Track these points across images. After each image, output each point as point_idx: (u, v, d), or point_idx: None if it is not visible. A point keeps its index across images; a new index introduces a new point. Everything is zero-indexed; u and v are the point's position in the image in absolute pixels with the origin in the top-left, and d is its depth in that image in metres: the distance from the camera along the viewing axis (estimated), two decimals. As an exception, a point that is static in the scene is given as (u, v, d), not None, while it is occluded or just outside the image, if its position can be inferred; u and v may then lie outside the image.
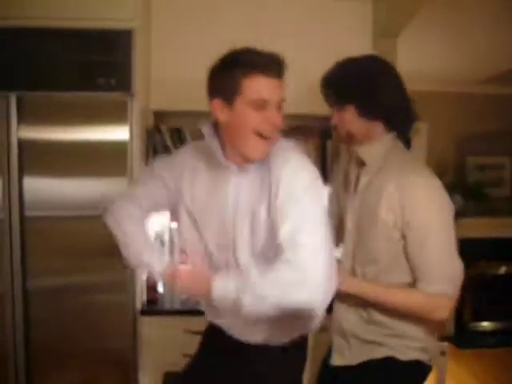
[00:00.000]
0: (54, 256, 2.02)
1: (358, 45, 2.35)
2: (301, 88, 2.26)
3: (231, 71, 1.14)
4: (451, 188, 4.17)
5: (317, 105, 2.27)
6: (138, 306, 2.12)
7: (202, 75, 2.24)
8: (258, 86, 1.13)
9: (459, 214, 4.12)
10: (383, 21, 2.34)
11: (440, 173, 4.31)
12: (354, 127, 1.37)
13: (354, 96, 1.34)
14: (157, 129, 2.29)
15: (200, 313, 2.07)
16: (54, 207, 2.00)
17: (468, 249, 1.53)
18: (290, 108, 2.25)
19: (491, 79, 3.92)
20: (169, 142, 2.26)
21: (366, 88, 1.33)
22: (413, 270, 1.30)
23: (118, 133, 1.98)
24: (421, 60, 3.36)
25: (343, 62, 1.41)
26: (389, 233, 1.28)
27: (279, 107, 1.19)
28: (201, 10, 2.28)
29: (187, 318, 2.13)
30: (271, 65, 1.15)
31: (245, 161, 1.23)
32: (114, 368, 2.10)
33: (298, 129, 2.43)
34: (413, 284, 1.31)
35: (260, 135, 1.17)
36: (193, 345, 2.07)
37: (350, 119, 1.37)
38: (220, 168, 1.27)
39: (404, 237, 1.28)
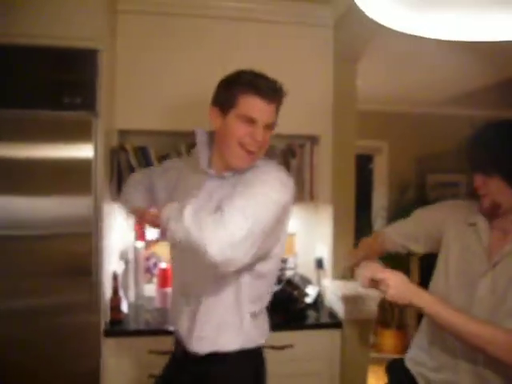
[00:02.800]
0: (19, 276, 1.96)
1: (320, 68, 2.43)
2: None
3: (233, 86, 1.30)
4: (413, 204, 4.31)
5: (280, 124, 2.34)
6: (102, 326, 2.09)
7: (166, 95, 2.30)
8: (250, 105, 1.27)
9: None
10: (343, 46, 2.43)
11: (402, 190, 4.48)
12: (502, 199, 1.26)
13: (504, 167, 1.23)
14: (121, 148, 2.27)
15: (165, 332, 2.07)
16: (18, 226, 1.95)
17: (429, 260, 1.59)
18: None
19: (448, 101, 4.09)
20: (133, 161, 2.25)
21: None
22: None
23: (83, 151, 1.96)
24: (381, 82, 3.49)
25: (498, 126, 1.31)
26: None
27: (268, 128, 1.32)
28: (165, 31, 2.31)
29: (152, 338, 2.10)
30: (268, 90, 1.29)
31: (227, 168, 1.35)
32: None
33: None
34: None
35: (243, 147, 1.29)
36: (159, 365, 2.05)
37: (498, 191, 1.26)
38: (201, 172, 1.39)
39: None
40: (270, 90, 1.29)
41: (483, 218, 1.31)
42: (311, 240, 2.68)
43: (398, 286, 1.24)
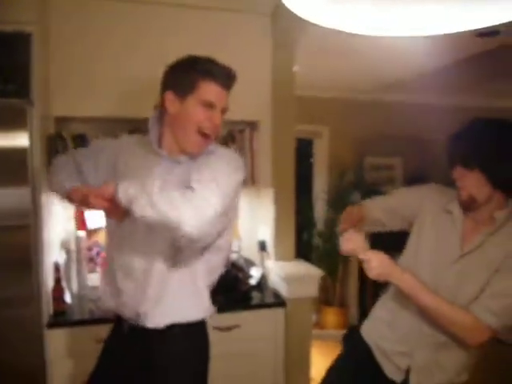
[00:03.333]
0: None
1: (259, 55, 2.47)
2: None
3: (191, 72, 1.34)
4: (352, 187, 4.49)
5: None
6: (46, 319, 2.05)
7: (103, 81, 2.26)
8: (210, 91, 1.34)
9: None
10: (281, 33, 2.48)
11: (341, 172, 4.65)
12: (479, 193, 1.32)
13: (485, 161, 1.29)
14: (58, 135, 2.21)
15: (111, 321, 2.06)
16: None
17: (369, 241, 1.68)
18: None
19: (384, 87, 4.26)
20: (71, 149, 2.20)
21: (502, 156, 1.28)
22: (480, 292, 1.31)
23: (18, 140, 1.89)
24: (320, 69, 3.58)
25: (486, 122, 1.36)
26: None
27: (223, 112, 1.41)
28: (102, 15, 2.26)
29: (98, 327, 2.08)
30: (225, 77, 1.38)
31: (181, 152, 1.39)
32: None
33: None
34: None
35: (201, 132, 1.35)
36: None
37: (476, 185, 1.31)
38: (153, 153, 1.41)
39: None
40: (226, 77, 1.38)
41: (459, 207, 1.39)
42: (254, 223, 2.74)
43: (380, 266, 1.35)
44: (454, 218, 1.40)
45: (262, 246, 2.65)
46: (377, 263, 1.35)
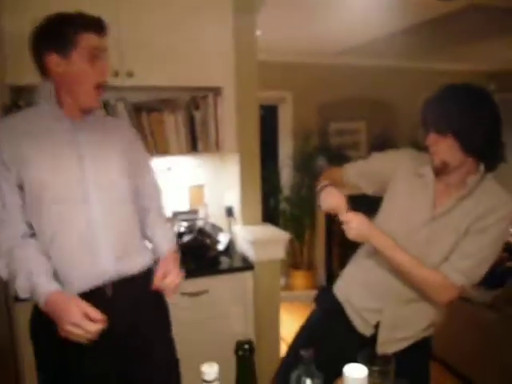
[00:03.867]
0: None
1: (220, 20, 2.41)
2: (167, 61, 2.29)
3: (67, 29, 1.31)
4: (317, 151, 4.54)
5: (181, 77, 2.34)
6: (12, 291, 2.02)
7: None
8: (91, 40, 1.34)
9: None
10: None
11: (306, 137, 4.67)
12: (452, 159, 1.35)
13: (459, 128, 1.30)
14: (15, 104, 2.14)
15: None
16: None
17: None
18: (156, 81, 2.30)
19: (347, 51, 4.26)
20: None
21: (475, 123, 1.29)
22: (449, 253, 1.38)
23: None
24: (283, 33, 3.54)
25: (454, 89, 1.35)
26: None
27: (106, 58, 1.41)
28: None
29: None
30: (99, 25, 1.37)
31: (82, 111, 1.41)
32: None
33: (166, 101, 2.46)
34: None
35: (97, 86, 1.37)
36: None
37: (448, 151, 1.34)
38: (54, 121, 1.39)
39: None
40: (100, 25, 1.38)
41: (431, 171, 1.42)
42: (220, 190, 2.75)
43: (359, 227, 1.39)
44: (427, 182, 1.43)
45: (229, 212, 2.68)
46: (356, 224, 1.39)
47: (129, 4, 2.20)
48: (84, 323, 1.20)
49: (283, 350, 2.38)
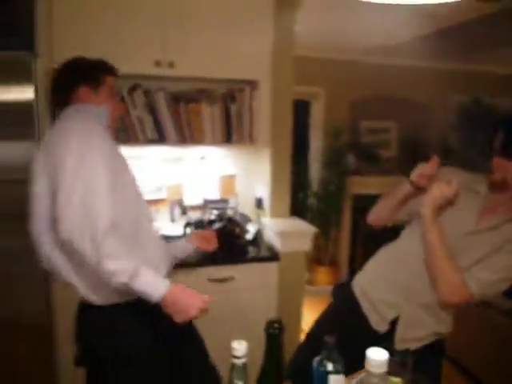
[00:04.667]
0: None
1: (261, 14, 2.47)
2: (207, 53, 2.36)
3: (99, 71, 1.63)
4: (347, 148, 4.56)
5: (220, 69, 2.41)
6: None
7: (107, 34, 2.25)
8: (112, 81, 1.67)
9: (353, 173, 4.55)
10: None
11: (336, 134, 4.68)
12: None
13: None
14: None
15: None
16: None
17: (361, 202, 1.73)
18: (196, 71, 2.38)
19: (381, 50, 4.25)
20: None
21: None
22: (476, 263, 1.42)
23: (23, 94, 1.93)
24: (320, 30, 3.57)
25: None
26: None
27: None
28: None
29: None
30: (115, 71, 1.69)
31: None
32: (29, 334, 2.11)
33: (203, 92, 2.53)
34: None
35: (114, 118, 1.68)
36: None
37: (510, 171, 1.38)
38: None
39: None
40: (115, 69, 1.69)
41: (486, 189, 1.47)
42: (251, 181, 2.82)
43: (435, 199, 1.43)
44: (479, 196, 1.48)
45: (259, 203, 2.74)
46: (437, 194, 1.43)
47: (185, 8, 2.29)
48: (205, 307, 1.41)
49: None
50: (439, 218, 1.50)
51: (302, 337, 2.64)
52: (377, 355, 0.70)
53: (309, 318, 2.90)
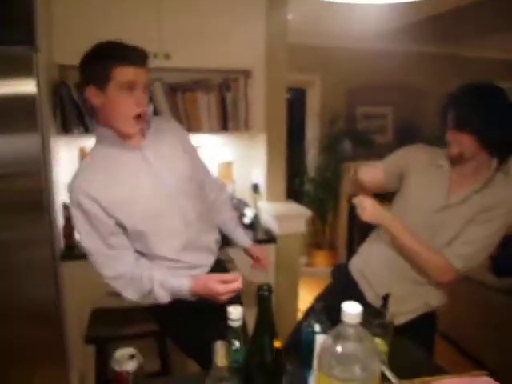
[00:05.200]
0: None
1: (253, 4, 2.54)
2: (202, 44, 2.44)
3: (103, 62, 1.33)
4: (343, 135, 4.63)
5: (215, 60, 2.49)
6: (58, 253, 2.24)
7: (106, 29, 2.32)
8: (126, 73, 1.33)
9: (350, 159, 4.63)
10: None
11: (333, 120, 4.73)
12: (468, 152, 1.46)
13: (477, 126, 1.40)
14: (63, 83, 2.33)
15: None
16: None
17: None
18: (191, 63, 2.46)
19: (376, 37, 4.31)
20: (76, 97, 2.33)
21: (492, 121, 1.40)
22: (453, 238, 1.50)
23: (26, 87, 1.98)
24: (313, 17, 3.62)
25: (474, 88, 1.46)
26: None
27: (145, 89, 1.40)
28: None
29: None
30: (136, 56, 1.36)
31: (122, 138, 1.44)
32: (39, 320, 2.20)
33: (199, 82, 2.62)
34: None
35: (136, 117, 1.38)
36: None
37: (466, 145, 1.45)
38: (126, 149, 1.45)
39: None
40: (137, 56, 1.37)
41: (448, 162, 1.55)
42: (247, 167, 2.92)
43: (372, 210, 1.53)
44: (444, 172, 1.56)
45: (255, 188, 2.84)
46: (369, 207, 1.53)
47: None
48: (228, 289, 1.42)
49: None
50: (411, 198, 1.60)
51: (299, 315, 2.76)
52: (351, 308, 0.80)
53: (307, 297, 3.01)
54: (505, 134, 1.42)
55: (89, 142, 2.57)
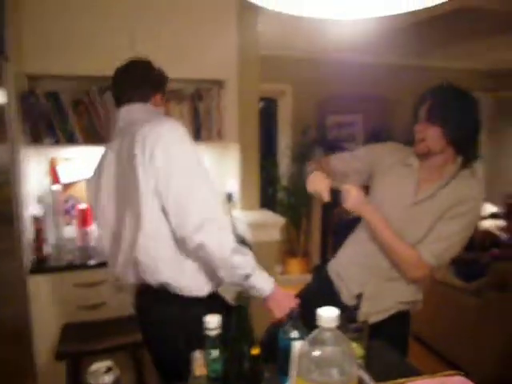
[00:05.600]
0: None
1: (225, 15, 2.57)
2: (175, 54, 2.45)
3: (163, 79, 1.68)
4: (314, 143, 4.70)
5: (188, 70, 2.50)
6: (28, 266, 2.19)
7: (76, 38, 2.31)
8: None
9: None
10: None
11: (304, 129, 4.80)
12: (435, 146, 1.54)
13: (446, 119, 1.50)
14: (32, 93, 2.29)
15: (88, 267, 2.24)
16: None
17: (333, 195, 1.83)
18: (166, 72, 2.45)
19: (345, 48, 4.39)
20: (45, 107, 2.29)
21: (461, 118, 1.50)
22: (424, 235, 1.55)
23: None
24: (284, 29, 3.68)
25: (451, 88, 1.56)
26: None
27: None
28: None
29: (76, 272, 2.26)
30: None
31: None
32: (8, 330, 2.14)
33: (172, 92, 2.62)
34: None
35: None
36: (85, 298, 2.23)
37: (434, 137, 1.53)
38: None
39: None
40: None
41: (417, 161, 1.62)
42: (221, 176, 2.92)
43: (356, 198, 1.56)
44: (413, 170, 1.62)
45: (229, 198, 2.85)
46: (354, 195, 1.56)
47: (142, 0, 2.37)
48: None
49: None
50: (382, 196, 1.66)
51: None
52: (327, 312, 0.81)
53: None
54: (468, 134, 1.53)
55: (60, 152, 2.55)
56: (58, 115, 2.33)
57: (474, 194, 1.54)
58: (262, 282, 1.44)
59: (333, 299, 1.73)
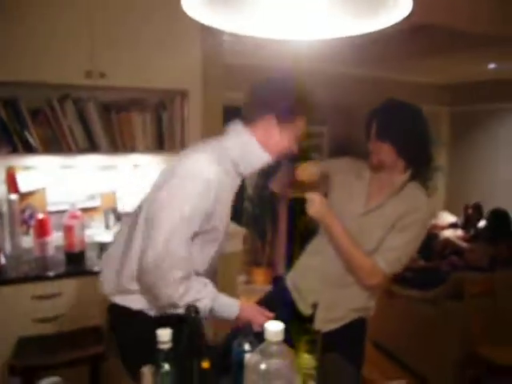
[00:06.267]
0: None
1: (189, 25, 2.56)
2: (138, 63, 2.44)
3: (295, 105, 1.50)
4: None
5: (151, 80, 2.49)
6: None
7: (38, 45, 2.25)
8: (303, 125, 1.52)
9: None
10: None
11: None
12: (387, 160, 1.61)
13: (396, 137, 1.57)
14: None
15: (46, 278, 2.18)
16: None
17: (296, 205, 1.89)
18: (127, 82, 2.44)
19: (311, 57, 4.45)
20: (3, 115, 2.24)
21: (409, 134, 1.57)
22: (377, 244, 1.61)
23: None
24: (248, 38, 3.70)
25: (395, 104, 1.63)
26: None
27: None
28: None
29: (33, 284, 2.19)
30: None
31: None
32: None
33: (135, 101, 2.60)
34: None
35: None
36: (41, 310, 2.17)
37: (385, 153, 1.60)
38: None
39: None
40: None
41: (370, 173, 1.69)
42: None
43: (319, 206, 1.60)
44: (364, 182, 1.69)
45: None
46: (318, 203, 1.60)
47: (102, 8, 2.34)
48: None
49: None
50: (336, 208, 1.69)
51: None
52: (273, 326, 0.82)
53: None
54: (417, 146, 1.60)
55: (17, 161, 2.49)
56: (15, 123, 2.27)
57: (419, 204, 1.61)
58: (226, 309, 1.46)
59: (290, 309, 1.76)
